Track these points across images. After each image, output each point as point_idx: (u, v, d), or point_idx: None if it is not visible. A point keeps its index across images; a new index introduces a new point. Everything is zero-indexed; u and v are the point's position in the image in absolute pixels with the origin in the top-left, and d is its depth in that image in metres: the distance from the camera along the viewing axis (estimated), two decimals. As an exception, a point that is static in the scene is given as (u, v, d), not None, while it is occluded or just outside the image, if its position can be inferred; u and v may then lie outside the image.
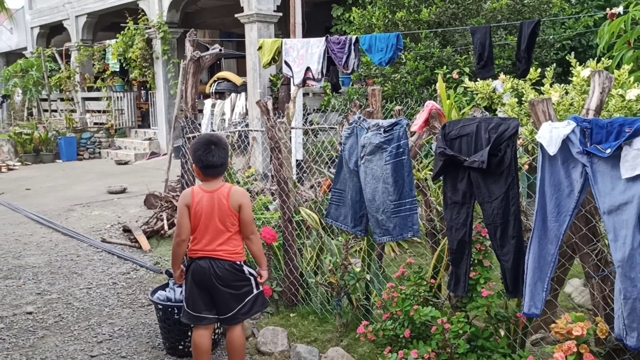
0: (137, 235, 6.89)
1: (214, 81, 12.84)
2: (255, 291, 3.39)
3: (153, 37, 14.20)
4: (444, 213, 3.27)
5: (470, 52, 8.21)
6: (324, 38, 6.39)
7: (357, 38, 6.00)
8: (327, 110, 10.90)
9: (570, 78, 4.49)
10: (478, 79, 4.63)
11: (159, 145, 14.79)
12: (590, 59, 5.27)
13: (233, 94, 12.17)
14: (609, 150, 2.54)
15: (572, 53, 6.27)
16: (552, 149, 2.71)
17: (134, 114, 16.13)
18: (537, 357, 3.20)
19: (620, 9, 5.74)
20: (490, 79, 4.20)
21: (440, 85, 3.73)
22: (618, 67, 5.27)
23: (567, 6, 9.91)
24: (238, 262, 3.35)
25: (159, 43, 14.05)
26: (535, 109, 2.86)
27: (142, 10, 14.50)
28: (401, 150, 3.42)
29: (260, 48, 7.05)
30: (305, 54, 6.31)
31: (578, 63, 4.57)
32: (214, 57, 5.30)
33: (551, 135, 2.72)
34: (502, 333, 3.34)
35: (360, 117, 3.69)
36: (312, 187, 7.19)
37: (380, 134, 3.48)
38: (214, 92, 12.57)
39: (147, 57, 14.46)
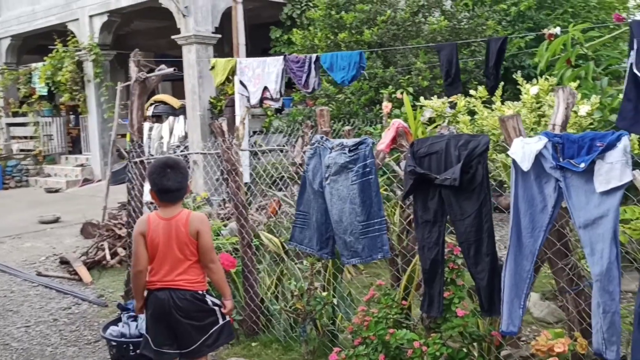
0: (76, 267, 6.49)
1: (151, 104, 12.47)
2: (220, 322, 3.19)
3: (84, 59, 13.69)
4: (415, 232, 3.21)
5: (412, 72, 8.34)
6: (281, 57, 6.31)
7: (317, 57, 5.95)
8: (269, 132, 10.79)
9: (500, 97, 4.57)
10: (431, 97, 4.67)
11: (92, 171, 14.18)
12: (535, 79, 5.44)
13: (171, 117, 11.86)
14: (583, 165, 2.56)
15: (506, 72, 6.49)
16: (525, 165, 2.71)
17: (64, 139, 15.44)
18: (515, 375, 3.17)
19: (558, 30, 5.96)
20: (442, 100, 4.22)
21: (406, 103, 3.71)
22: (559, 84, 5.46)
23: (500, 28, 10.28)
24: (200, 292, 3.15)
25: (91, 66, 13.54)
26: (506, 125, 2.86)
27: (72, 32, 13.97)
28: (368, 169, 3.35)
29: (212, 68, 6.87)
30: (261, 73, 6.19)
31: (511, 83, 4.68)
32: (160, 78, 5.10)
33: (524, 151, 2.73)
34: (476, 353, 3.30)
35: (322, 137, 3.60)
36: (258, 209, 7.04)
37: (345, 153, 3.41)
38: (152, 116, 12.21)
39: (77, 80, 13.89)
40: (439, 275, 3.11)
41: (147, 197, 5.94)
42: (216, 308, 3.19)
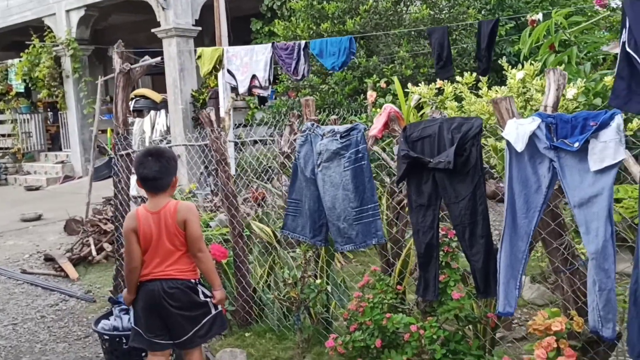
0: (62, 264, 6.41)
1: (131, 99, 12.32)
2: (213, 312, 3.16)
3: (62, 54, 13.49)
4: (409, 217, 3.21)
5: (395, 62, 8.34)
6: (269, 45, 6.25)
7: (306, 43, 5.91)
8: (252, 124, 10.73)
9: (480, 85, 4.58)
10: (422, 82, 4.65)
11: (72, 168, 14.00)
12: (516, 66, 5.47)
13: (152, 112, 11.74)
14: (577, 144, 2.56)
15: (482, 60, 6.51)
16: (519, 146, 2.72)
17: (43, 136, 15.22)
18: (512, 356, 3.19)
19: (540, 16, 6.00)
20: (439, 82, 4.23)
21: (397, 88, 3.69)
22: (541, 71, 5.49)
23: (480, 17, 10.33)
24: (192, 280, 3.11)
25: (69, 61, 13.35)
26: (499, 107, 2.86)
27: (49, 28, 13.74)
28: (360, 155, 3.34)
29: (199, 57, 6.77)
30: (249, 61, 6.12)
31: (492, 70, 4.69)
32: (144, 70, 5.03)
33: (517, 132, 2.73)
34: (472, 334, 3.32)
35: (313, 124, 3.58)
36: (243, 202, 7.00)
37: (337, 139, 3.39)
38: (132, 110, 12.06)
39: (55, 76, 13.68)
40: (434, 259, 3.11)
41: (133, 191, 5.88)
42: (208, 299, 3.16)
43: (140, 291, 3.11)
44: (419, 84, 4.68)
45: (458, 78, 5.00)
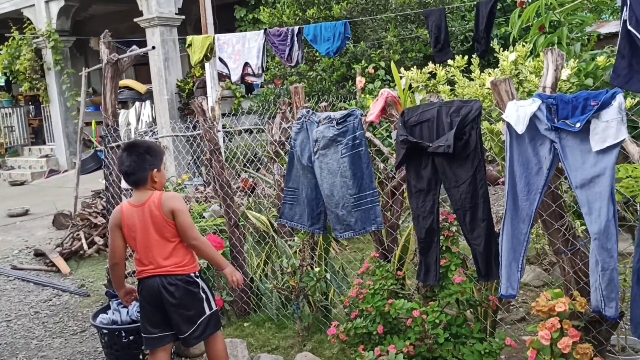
0: (53, 259, 6.33)
1: (115, 90, 12.16)
2: (207, 312, 3.09)
3: (42, 46, 13.26)
4: (409, 202, 3.19)
5: (383, 47, 8.29)
6: (262, 31, 6.16)
7: (300, 29, 5.83)
8: (239, 113, 10.64)
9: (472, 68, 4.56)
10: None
11: (57, 162, 13.82)
12: (510, 46, 5.45)
13: (137, 103, 11.61)
14: (578, 125, 2.55)
15: (481, 42, 6.50)
16: (520, 128, 2.70)
17: (26, 130, 15.00)
18: (512, 337, 3.20)
19: (529, -4, 5.98)
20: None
21: (394, 72, 3.66)
22: (531, 53, 5.48)
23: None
24: (192, 275, 3.07)
25: (50, 53, 13.13)
26: (498, 89, 2.85)
27: (28, 19, 13.49)
28: (357, 141, 3.31)
29: (189, 46, 6.66)
30: (242, 48, 6.04)
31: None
32: (132, 60, 4.94)
33: (518, 114, 2.71)
34: (472, 318, 3.33)
35: (308, 111, 3.54)
36: (237, 189, 6.95)
37: (333, 126, 3.35)
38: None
39: (37, 68, 13.46)
40: (434, 244, 3.10)
41: (124, 183, 5.81)
42: (204, 295, 3.10)
43: (140, 288, 3.07)
44: (410, 69, 4.65)
45: (450, 62, 4.98)
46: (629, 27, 2.33)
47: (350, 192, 3.32)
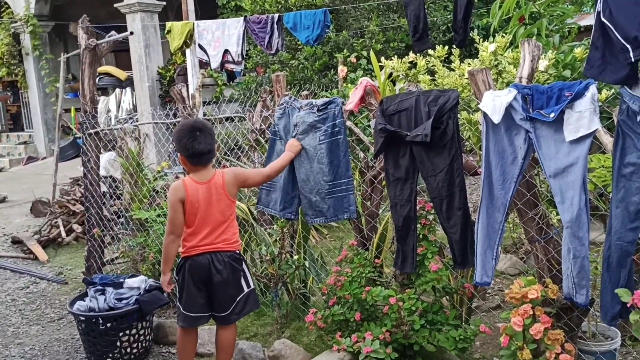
0: (30, 246, 6.27)
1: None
2: (245, 289, 3.16)
3: (20, 31, 13.04)
4: (387, 190, 3.22)
5: (365, 36, 8.29)
6: (242, 18, 6.12)
7: (280, 16, 5.81)
8: (220, 101, 10.59)
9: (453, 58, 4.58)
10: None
11: (36, 148, 13.65)
12: (490, 37, 5.49)
13: (118, 90, 11.48)
14: (552, 115, 2.59)
15: (459, 32, 6.51)
16: (496, 117, 2.73)
17: (4, 116, 14.77)
18: (488, 324, 3.25)
19: (509, -12, 6.00)
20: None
21: (373, 61, 3.67)
22: (511, 44, 5.52)
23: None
24: (237, 252, 3.15)
25: (28, 38, 12.92)
26: (475, 79, 2.88)
27: (5, 3, 13.26)
28: (337, 129, 3.32)
29: (169, 32, 6.59)
30: (221, 35, 5.99)
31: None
32: (111, 45, 4.89)
33: (494, 103, 2.75)
34: (449, 305, 3.37)
35: (291, 97, 3.54)
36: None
37: (314, 112, 3.36)
38: (97, 89, 11.77)
39: (15, 53, 13.26)
40: (411, 232, 3.13)
41: (102, 170, 5.76)
42: (245, 273, 3.17)
43: (188, 265, 3.07)
44: (392, 58, 4.67)
45: (430, 52, 5.00)
46: (603, 19, 2.36)
47: (325, 178, 3.31)
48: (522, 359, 2.62)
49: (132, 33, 4.71)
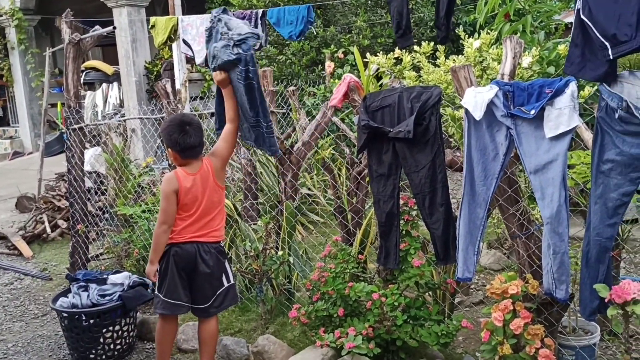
0: (15, 242, 6.23)
1: (82, 71, 11.91)
2: (225, 284, 3.17)
3: (6, 25, 12.90)
4: (370, 186, 3.22)
5: (353, 31, 8.29)
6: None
7: (264, 12, 5.78)
8: (206, 96, 10.54)
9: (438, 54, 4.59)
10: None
11: (22, 143, 13.54)
12: (476, 33, 5.50)
13: (104, 85, 11.40)
14: (533, 112, 2.61)
15: (441, 28, 6.51)
16: (477, 114, 2.75)
17: (-11, 111, 14.64)
18: (470, 320, 3.28)
19: (495, -16, 6.02)
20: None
21: (357, 57, 3.67)
22: (497, 40, 5.54)
23: (436, -15, 10.31)
24: (221, 243, 3.19)
25: (14, 32, 12.79)
26: (458, 76, 2.89)
27: (-10, -3, 13.11)
28: (250, 76, 3.10)
29: (153, 27, 6.55)
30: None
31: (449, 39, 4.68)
32: (95, 40, 4.86)
33: (476, 100, 2.76)
34: (431, 300, 3.39)
35: (219, 11, 3.29)
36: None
37: (230, 48, 3.09)
38: (83, 83, 11.68)
39: (0, 48, 13.12)
40: (394, 228, 3.15)
41: (87, 166, 5.73)
42: (226, 266, 3.19)
43: (172, 252, 3.07)
44: (377, 54, 4.66)
45: (416, 48, 5.01)
46: (582, 17, 2.37)
47: (250, 112, 3.22)
48: (503, 354, 2.65)
49: (115, 28, 4.65)
